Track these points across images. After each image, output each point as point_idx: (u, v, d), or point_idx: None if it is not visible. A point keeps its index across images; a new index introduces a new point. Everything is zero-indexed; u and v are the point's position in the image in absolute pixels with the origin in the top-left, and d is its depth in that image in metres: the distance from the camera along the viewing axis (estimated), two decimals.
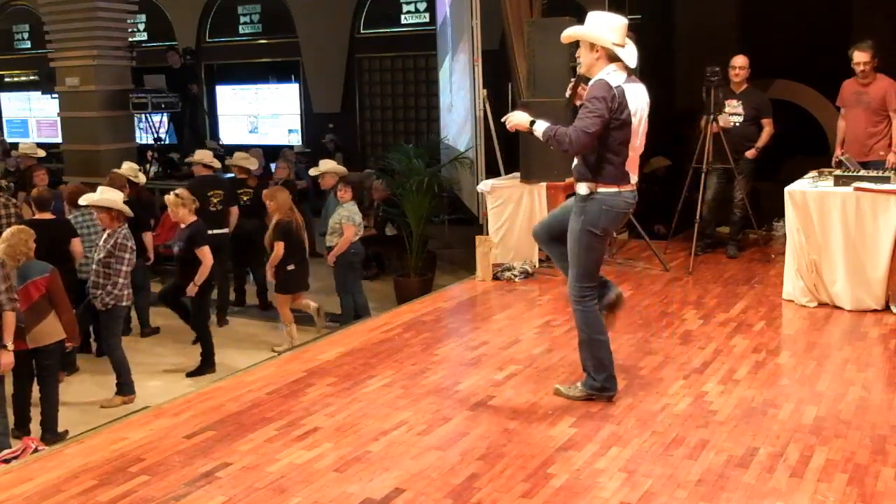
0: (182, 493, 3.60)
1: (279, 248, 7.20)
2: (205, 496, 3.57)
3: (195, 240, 6.88)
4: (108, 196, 6.47)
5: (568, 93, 4.48)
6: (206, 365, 6.95)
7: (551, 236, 4.59)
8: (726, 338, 5.54)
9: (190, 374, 6.87)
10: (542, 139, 4.26)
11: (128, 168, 8.58)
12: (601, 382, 4.44)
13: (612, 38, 4.16)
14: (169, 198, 7.02)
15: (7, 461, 4.59)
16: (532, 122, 4.31)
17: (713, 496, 3.46)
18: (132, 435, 4.24)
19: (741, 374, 4.86)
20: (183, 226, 6.98)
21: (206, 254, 6.84)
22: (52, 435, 5.57)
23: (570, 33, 4.33)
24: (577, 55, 4.38)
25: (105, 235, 6.40)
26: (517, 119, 4.39)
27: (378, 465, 3.81)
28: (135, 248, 6.43)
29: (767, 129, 7.61)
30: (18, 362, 5.35)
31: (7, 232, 5.74)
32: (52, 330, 5.69)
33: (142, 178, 8.84)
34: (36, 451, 4.77)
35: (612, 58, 4.19)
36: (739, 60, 7.56)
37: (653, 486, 3.55)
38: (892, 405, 4.37)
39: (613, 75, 4.16)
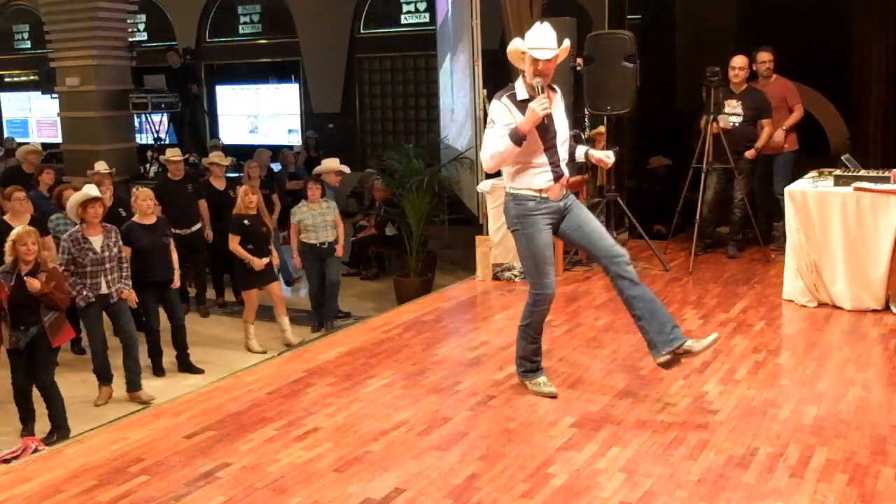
0: (182, 493, 3.60)
1: (231, 241, 7.49)
2: (205, 496, 3.57)
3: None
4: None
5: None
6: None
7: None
8: (726, 338, 5.53)
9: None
10: None
11: (103, 167, 8.78)
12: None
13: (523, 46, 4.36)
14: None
15: (7, 461, 4.60)
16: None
17: (713, 496, 3.46)
18: (132, 435, 4.24)
19: (741, 374, 4.86)
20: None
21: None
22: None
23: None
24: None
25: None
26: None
27: (378, 465, 3.81)
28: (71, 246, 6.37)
29: (767, 129, 7.61)
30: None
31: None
32: None
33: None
34: (36, 450, 4.79)
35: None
36: (739, 61, 7.56)
37: (653, 486, 3.55)
38: (892, 405, 4.37)
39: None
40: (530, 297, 4.52)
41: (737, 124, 7.58)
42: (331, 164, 8.79)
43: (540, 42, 4.29)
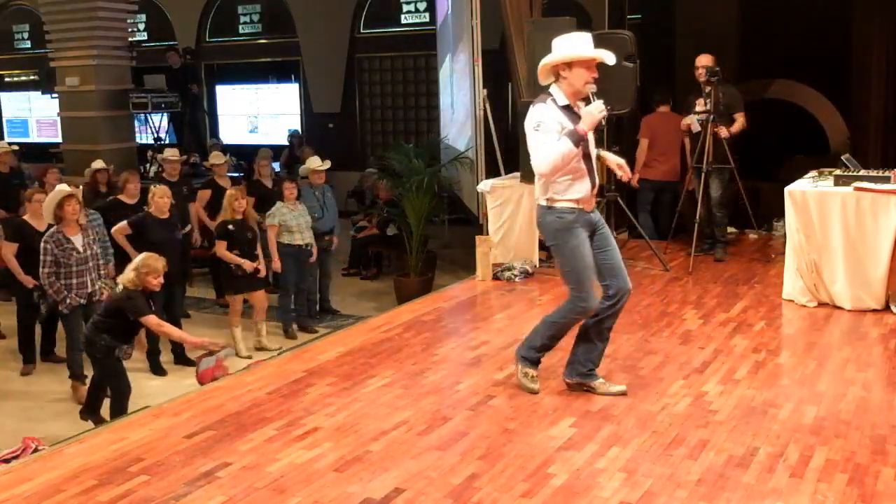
0: (182, 493, 3.60)
1: (218, 246, 7.42)
2: (205, 496, 3.57)
3: None
4: None
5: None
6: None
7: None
8: (726, 338, 5.54)
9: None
10: None
11: (100, 164, 8.81)
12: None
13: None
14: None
15: (7, 461, 4.60)
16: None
17: (713, 496, 3.46)
18: (132, 435, 4.24)
19: (741, 374, 4.86)
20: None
21: None
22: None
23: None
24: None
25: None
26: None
27: (378, 465, 3.81)
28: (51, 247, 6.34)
29: (740, 121, 7.50)
30: None
31: None
32: None
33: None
34: (36, 450, 4.78)
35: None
36: (703, 59, 7.49)
37: (653, 486, 3.55)
38: (892, 405, 4.38)
39: None
40: (571, 304, 4.50)
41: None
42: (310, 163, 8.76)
43: (591, 48, 4.30)
